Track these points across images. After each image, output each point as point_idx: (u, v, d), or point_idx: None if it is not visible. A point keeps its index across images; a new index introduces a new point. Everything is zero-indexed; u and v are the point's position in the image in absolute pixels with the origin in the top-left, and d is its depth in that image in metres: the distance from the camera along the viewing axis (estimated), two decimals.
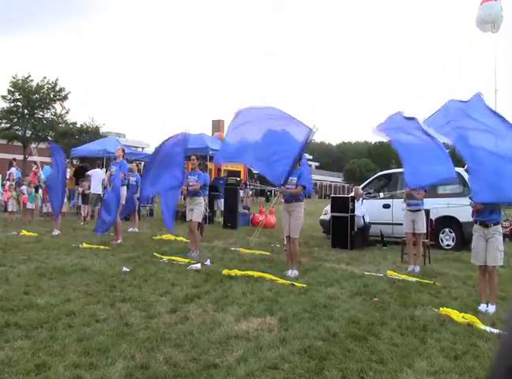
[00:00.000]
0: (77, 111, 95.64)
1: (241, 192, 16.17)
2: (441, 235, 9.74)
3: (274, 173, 6.73)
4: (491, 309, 4.86)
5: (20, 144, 29.01)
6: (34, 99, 28.08)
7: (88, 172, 14.07)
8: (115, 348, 3.42)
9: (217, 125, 26.54)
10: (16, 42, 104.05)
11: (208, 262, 7.07)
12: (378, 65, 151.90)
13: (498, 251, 4.95)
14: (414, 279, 6.33)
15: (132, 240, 9.47)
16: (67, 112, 29.37)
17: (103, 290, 5.15)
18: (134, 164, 13.04)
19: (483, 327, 4.26)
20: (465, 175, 9.80)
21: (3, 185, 14.99)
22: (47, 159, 19.98)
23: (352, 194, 10.29)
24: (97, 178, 14.02)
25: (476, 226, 5.11)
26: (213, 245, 9.28)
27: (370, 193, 11.17)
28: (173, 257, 7.37)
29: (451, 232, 9.68)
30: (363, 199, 10.31)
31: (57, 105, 29.25)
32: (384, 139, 7.87)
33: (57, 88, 28.67)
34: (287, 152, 6.54)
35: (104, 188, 11.06)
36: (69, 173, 16.54)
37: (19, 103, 28.37)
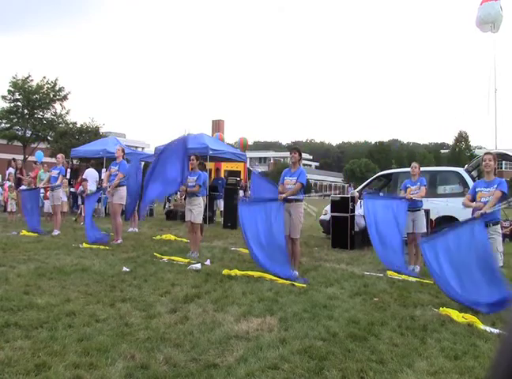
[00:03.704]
0: (77, 111, 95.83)
1: (241, 192, 16.16)
2: None
3: None
4: None
5: (20, 144, 29.01)
6: (34, 99, 28.08)
7: (84, 175, 14.16)
8: (115, 348, 3.42)
9: (217, 125, 26.50)
10: (16, 42, 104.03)
11: (208, 262, 7.07)
12: (378, 65, 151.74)
13: (498, 252, 4.95)
14: (414, 279, 6.33)
15: (132, 240, 9.46)
16: (67, 112, 29.40)
17: (103, 290, 5.15)
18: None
19: (483, 327, 4.25)
20: (465, 175, 9.83)
21: (3, 186, 14.97)
22: (48, 160, 19.95)
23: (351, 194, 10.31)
24: (92, 178, 14.15)
25: None
26: (213, 245, 9.27)
27: (370, 194, 11.15)
28: (173, 257, 7.37)
29: None
30: (361, 201, 10.32)
31: (57, 105, 29.28)
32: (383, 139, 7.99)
33: (56, 88, 28.67)
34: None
35: (99, 188, 11.00)
36: (68, 173, 16.54)
37: (19, 103, 28.36)
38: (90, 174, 14.41)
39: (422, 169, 8.08)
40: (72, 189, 14.76)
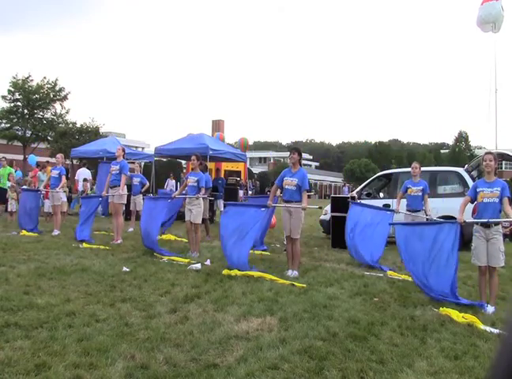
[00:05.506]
0: (77, 111, 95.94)
1: (241, 192, 16.17)
2: None
3: None
4: (491, 309, 4.85)
5: (20, 144, 29.03)
6: (34, 99, 28.10)
7: (76, 175, 14.18)
8: (115, 348, 3.42)
9: (217, 125, 26.48)
10: (16, 42, 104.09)
11: (208, 262, 7.06)
12: (378, 65, 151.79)
13: (500, 252, 4.94)
14: None
15: (132, 240, 9.46)
16: (67, 112, 29.45)
17: (103, 290, 5.15)
18: (137, 164, 12.73)
19: (483, 327, 4.26)
20: (465, 175, 9.83)
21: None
22: (47, 159, 19.94)
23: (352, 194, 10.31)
24: (84, 176, 14.16)
25: (477, 226, 5.11)
26: (213, 245, 9.27)
27: (370, 194, 11.16)
28: (173, 257, 7.37)
29: None
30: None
31: (57, 105, 29.32)
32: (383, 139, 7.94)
33: (56, 88, 28.71)
34: None
35: (100, 195, 10.94)
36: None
37: (19, 103, 28.40)
38: (82, 173, 14.40)
39: (422, 169, 8.08)
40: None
